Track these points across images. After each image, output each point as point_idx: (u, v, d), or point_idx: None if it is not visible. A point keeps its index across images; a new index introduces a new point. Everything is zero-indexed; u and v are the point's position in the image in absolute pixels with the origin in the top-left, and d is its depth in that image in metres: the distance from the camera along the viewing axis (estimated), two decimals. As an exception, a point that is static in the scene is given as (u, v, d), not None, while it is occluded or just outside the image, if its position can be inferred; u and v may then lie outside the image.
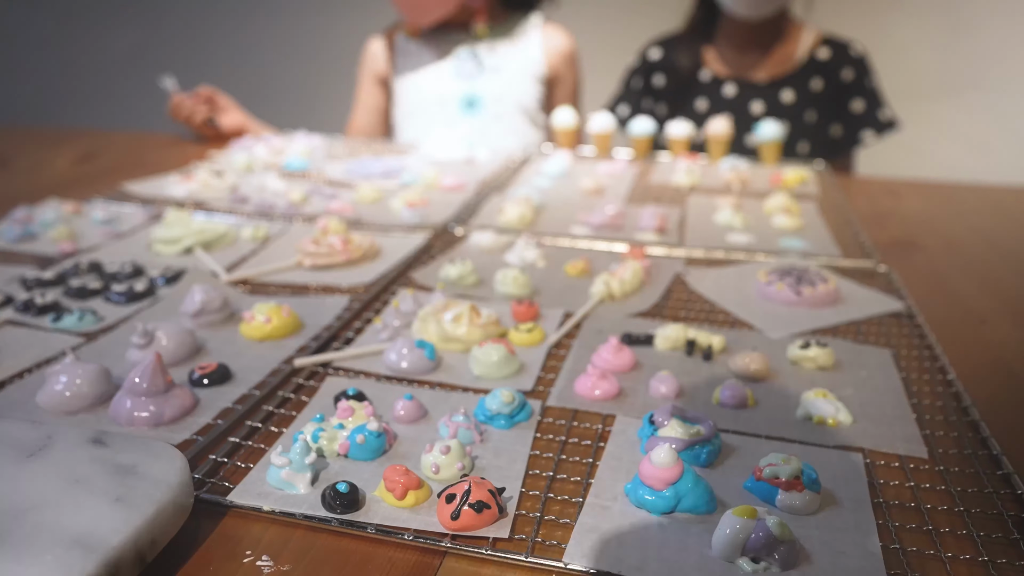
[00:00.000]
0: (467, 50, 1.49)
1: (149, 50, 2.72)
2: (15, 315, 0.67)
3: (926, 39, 2.08)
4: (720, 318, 0.69)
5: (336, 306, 0.69)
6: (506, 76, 1.50)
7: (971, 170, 2.12)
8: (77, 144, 1.43)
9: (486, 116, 1.50)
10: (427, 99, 1.51)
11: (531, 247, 0.81)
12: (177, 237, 0.83)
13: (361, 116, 1.59)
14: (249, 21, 2.61)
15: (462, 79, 1.50)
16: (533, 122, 1.55)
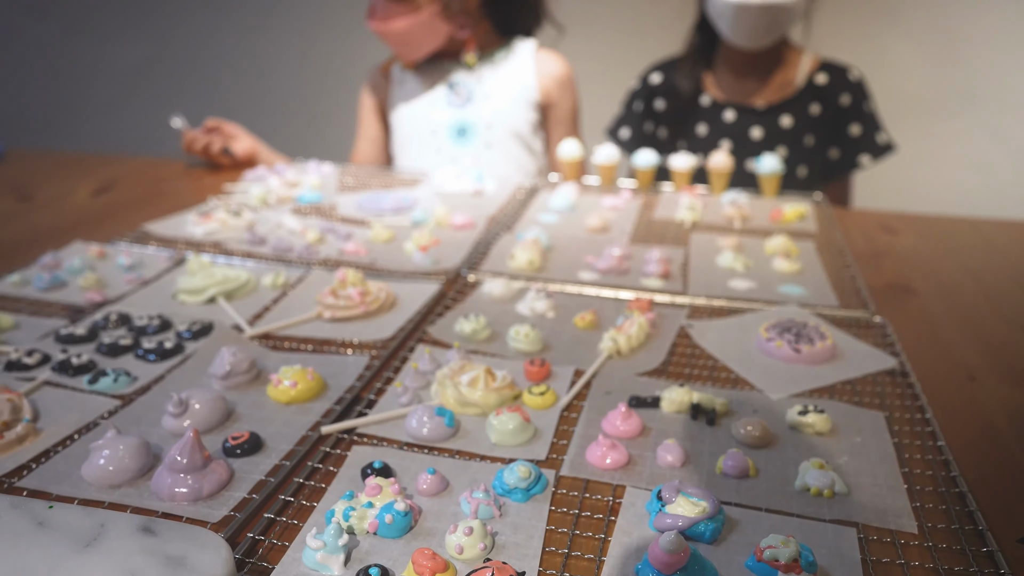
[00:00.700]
0: (455, 79, 1.52)
1: (157, 64, 2.74)
2: (53, 375, 0.70)
3: (922, 60, 2.11)
4: (723, 375, 0.72)
5: (357, 365, 0.72)
6: (497, 103, 1.52)
7: (968, 188, 2.15)
8: (94, 173, 1.45)
9: (478, 143, 1.52)
10: (420, 128, 1.53)
11: (541, 298, 0.84)
12: (200, 287, 0.86)
13: (362, 146, 1.63)
14: (257, 35, 2.63)
15: (452, 107, 1.52)
16: (528, 148, 1.57)
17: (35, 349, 0.73)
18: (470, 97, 1.52)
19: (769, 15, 1.48)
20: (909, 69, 2.11)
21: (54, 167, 1.53)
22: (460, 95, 1.52)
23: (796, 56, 1.67)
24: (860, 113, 1.65)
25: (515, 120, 1.53)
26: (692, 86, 1.68)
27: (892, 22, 2.09)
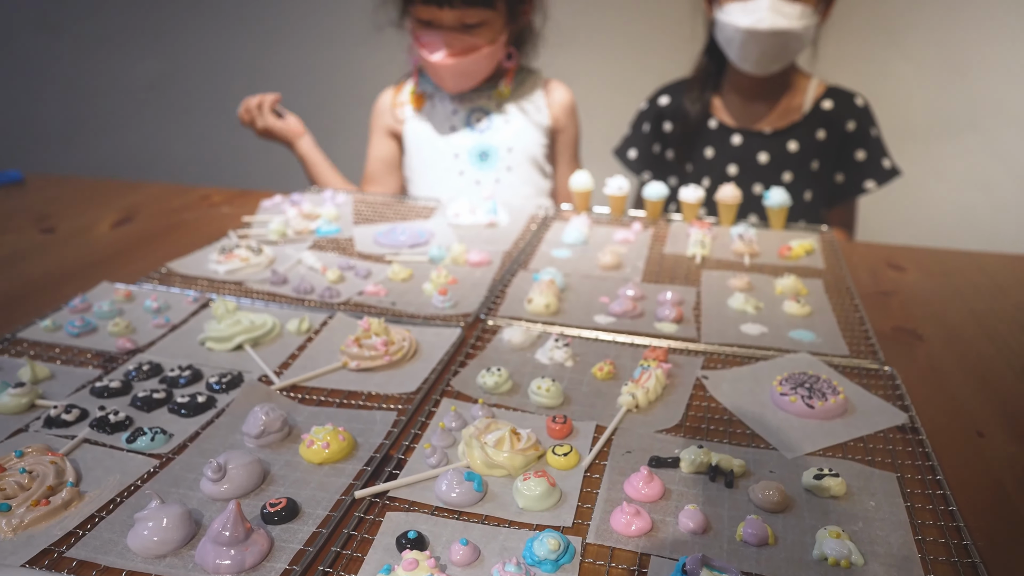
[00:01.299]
0: (479, 104, 1.55)
1: (169, 80, 2.75)
2: (91, 433, 0.71)
3: (925, 82, 2.12)
4: (738, 431, 0.74)
5: (385, 421, 0.74)
6: (515, 128, 1.56)
7: (969, 205, 2.17)
8: (114, 202, 1.47)
9: (499, 167, 1.55)
10: (442, 151, 1.56)
11: (559, 348, 0.86)
12: (228, 336, 0.88)
13: (374, 167, 1.66)
14: (268, 51, 2.64)
15: (475, 132, 1.55)
16: (542, 171, 1.61)
17: (73, 405, 0.75)
18: (490, 122, 1.55)
19: (778, 42, 1.49)
20: (911, 90, 2.12)
21: (73, 194, 1.54)
22: (481, 120, 1.55)
23: (803, 82, 1.68)
24: (866, 139, 1.66)
25: (531, 145, 1.57)
26: (700, 110, 1.69)
27: (894, 45, 2.11)
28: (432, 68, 1.45)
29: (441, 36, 1.41)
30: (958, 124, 2.13)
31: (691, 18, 1.67)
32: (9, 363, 0.85)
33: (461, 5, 1.37)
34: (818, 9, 1.51)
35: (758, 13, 1.46)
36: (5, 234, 1.29)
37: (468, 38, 1.42)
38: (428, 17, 1.40)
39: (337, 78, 2.57)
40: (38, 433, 0.72)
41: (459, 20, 1.40)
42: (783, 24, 1.46)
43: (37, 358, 0.86)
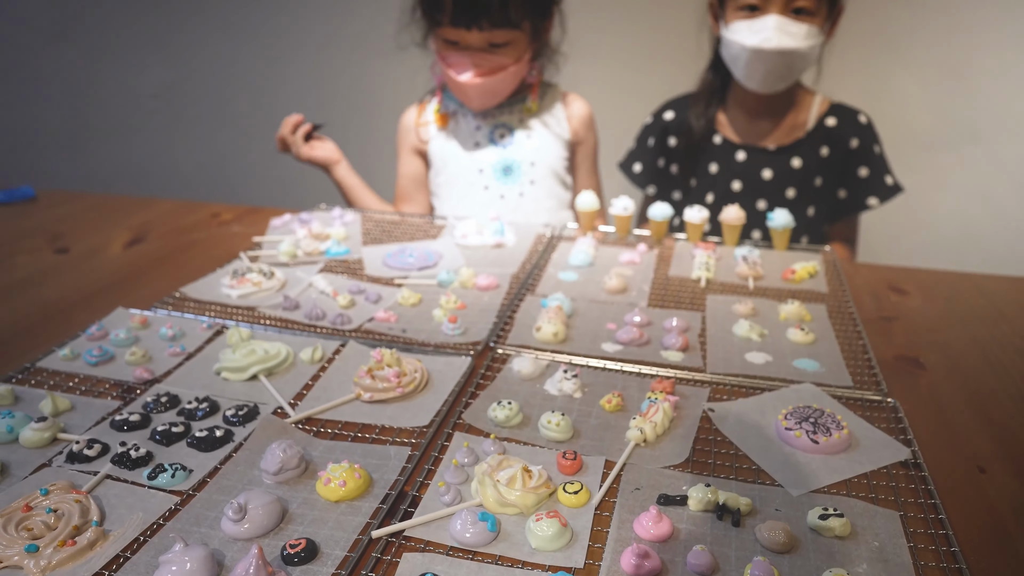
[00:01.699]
0: (502, 120, 1.57)
1: (176, 90, 2.76)
2: (112, 468, 0.73)
3: (927, 94, 2.13)
4: (744, 466, 0.75)
5: (400, 456, 0.75)
6: (537, 142, 1.58)
7: (970, 216, 2.18)
8: (125, 220, 1.48)
9: (523, 180, 1.57)
10: (467, 167, 1.57)
11: (568, 379, 0.87)
12: (243, 366, 0.89)
13: (404, 185, 1.68)
14: (273, 61, 2.65)
15: (498, 147, 1.57)
16: (563, 184, 1.63)
17: (95, 440, 0.76)
18: (513, 137, 1.57)
19: (784, 61, 1.50)
20: (914, 102, 2.13)
21: (85, 211, 1.55)
22: (505, 136, 1.57)
23: (807, 98, 1.69)
24: (869, 156, 1.67)
25: (553, 158, 1.60)
26: (705, 125, 1.71)
27: (897, 58, 2.11)
28: (459, 87, 1.46)
29: (469, 56, 1.41)
30: (960, 136, 2.14)
31: (697, 33, 1.67)
32: (30, 394, 0.86)
33: (489, 27, 1.39)
34: (823, 28, 1.52)
35: (764, 33, 1.47)
36: (20, 255, 1.30)
37: (495, 57, 1.43)
38: (455, 38, 1.41)
39: (345, 89, 2.58)
40: (61, 468, 0.73)
41: (486, 41, 1.41)
42: (789, 44, 1.47)
43: (56, 388, 0.88)
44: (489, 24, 1.38)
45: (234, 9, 2.59)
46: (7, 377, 0.89)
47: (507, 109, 1.59)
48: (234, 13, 2.60)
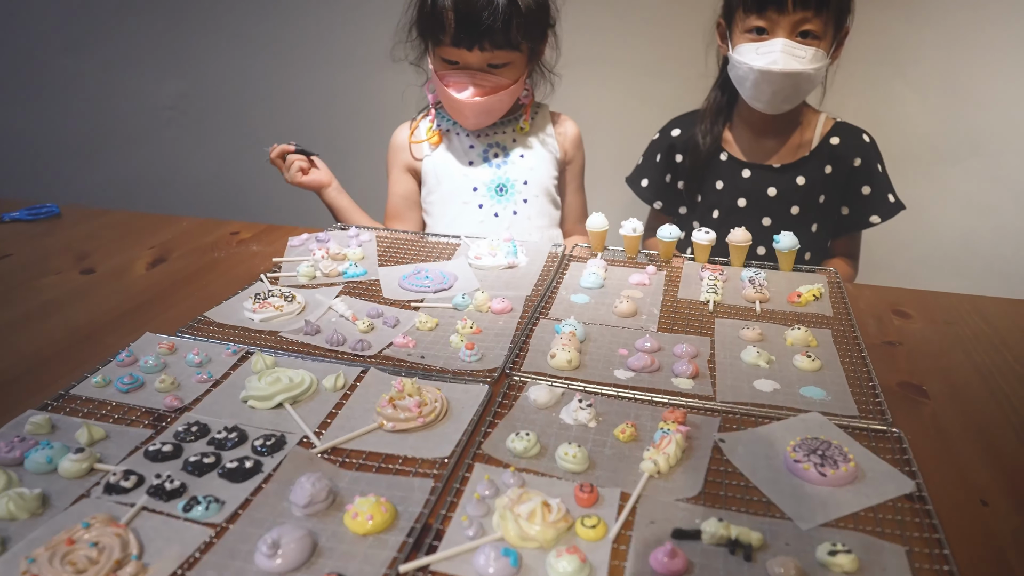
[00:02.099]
0: (495, 140, 1.58)
1: (190, 100, 2.78)
2: (148, 500, 0.75)
3: (929, 110, 2.14)
4: (755, 498, 0.77)
5: (423, 489, 0.77)
6: (529, 161, 1.60)
7: (970, 228, 2.19)
8: (147, 239, 1.51)
9: (517, 199, 1.59)
10: (462, 185, 1.59)
11: (583, 409, 0.89)
12: (268, 395, 0.91)
13: (396, 204, 1.69)
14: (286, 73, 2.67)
15: (492, 167, 1.59)
16: (554, 202, 1.65)
17: (131, 471, 0.78)
18: (507, 157, 1.59)
19: (790, 83, 1.52)
20: (916, 118, 2.15)
21: (109, 230, 1.58)
22: (499, 155, 1.58)
23: (812, 117, 1.71)
24: (872, 175, 1.69)
25: (545, 177, 1.62)
26: (711, 143, 1.72)
27: (900, 75, 2.13)
28: (456, 106, 1.48)
29: (469, 76, 1.44)
30: (961, 149, 2.15)
31: (705, 51, 1.69)
32: (65, 422, 0.88)
33: (490, 48, 1.40)
34: (829, 51, 1.54)
35: (771, 55, 1.49)
36: (48, 275, 1.33)
37: (494, 77, 1.45)
38: (455, 57, 1.43)
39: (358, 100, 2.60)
40: (99, 500, 0.76)
41: (486, 61, 1.43)
42: (795, 67, 1.49)
43: (91, 416, 0.90)
44: (491, 45, 1.40)
45: (247, 21, 2.61)
46: (43, 405, 0.92)
47: (500, 128, 1.61)
48: (247, 25, 2.62)
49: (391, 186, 1.69)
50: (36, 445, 0.82)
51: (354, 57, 2.57)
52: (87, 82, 2.80)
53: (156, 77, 2.75)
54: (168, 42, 2.70)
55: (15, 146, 2.96)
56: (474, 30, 1.38)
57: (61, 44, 2.76)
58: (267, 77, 2.67)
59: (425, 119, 1.66)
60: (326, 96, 2.64)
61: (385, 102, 2.48)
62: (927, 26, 2.06)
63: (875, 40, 2.06)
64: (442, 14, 1.40)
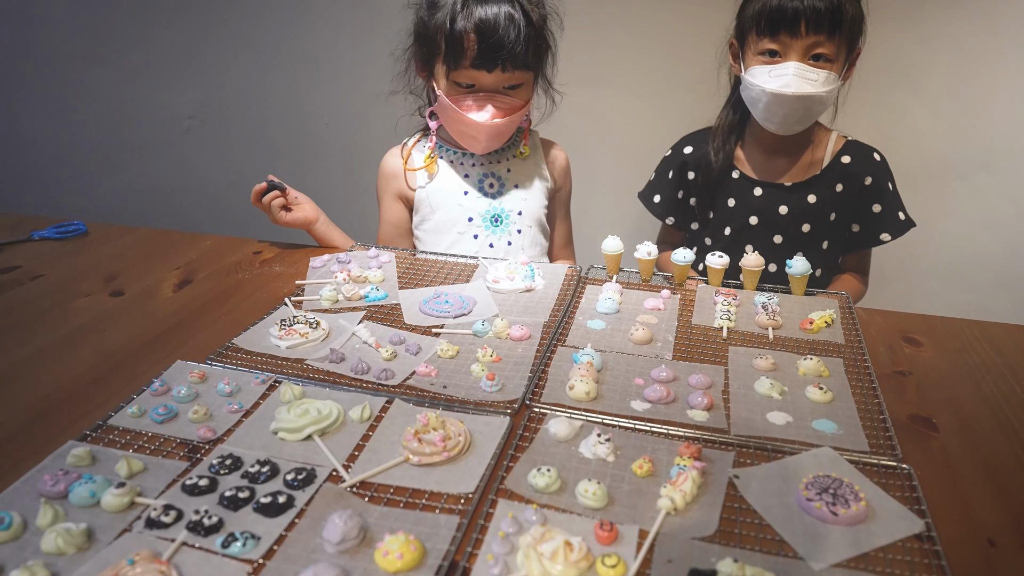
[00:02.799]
0: (490, 169, 1.61)
1: (207, 110, 2.81)
2: (188, 536, 0.78)
3: (940, 127, 2.15)
4: (768, 536, 0.80)
5: (449, 525, 0.80)
6: (524, 192, 1.63)
7: (979, 243, 2.20)
8: (172, 259, 1.54)
9: (511, 230, 1.61)
10: (457, 216, 1.60)
11: (602, 444, 0.92)
12: (298, 427, 0.94)
13: (388, 232, 1.70)
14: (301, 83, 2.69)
15: (487, 197, 1.61)
16: (544, 232, 1.69)
17: (170, 506, 0.81)
18: (502, 187, 1.61)
19: (803, 105, 1.54)
20: (926, 134, 2.15)
21: (135, 248, 1.62)
22: (494, 186, 1.60)
23: (823, 136, 1.73)
24: (882, 193, 1.71)
25: (537, 207, 1.65)
26: (723, 160, 1.74)
27: (912, 92, 2.13)
28: (471, 130, 1.49)
29: (487, 98, 1.45)
30: (972, 166, 2.16)
31: (716, 70, 1.70)
32: (104, 453, 0.92)
33: (511, 68, 1.43)
34: (841, 72, 1.56)
35: (784, 79, 1.51)
36: (79, 298, 1.36)
37: (509, 99, 1.47)
38: (471, 80, 1.45)
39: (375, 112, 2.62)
40: (141, 534, 0.79)
41: (503, 83, 1.45)
42: (808, 90, 1.50)
43: (128, 447, 0.93)
44: (511, 66, 1.43)
45: (265, 32, 2.64)
46: (83, 436, 0.95)
47: (495, 157, 1.62)
48: (265, 36, 2.65)
49: (383, 213, 1.69)
50: (79, 479, 0.85)
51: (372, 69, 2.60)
52: (108, 92, 2.84)
53: (176, 87, 2.78)
54: (187, 53, 2.73)
55: (38, 155, 3.01)
56: (496, 52, 1.40)
57: (83, 55, 2.80)
58: (285, 88, 2.70)
59: (419, 145, 1.67)
60: (343, 107, 2.67)
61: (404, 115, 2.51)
62: (939, 46, 2.06)
63: (887, 58, 2.07)
64: (462, 38, 1.41)
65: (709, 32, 1.67)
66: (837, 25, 1.49)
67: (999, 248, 2.20)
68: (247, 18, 2.64)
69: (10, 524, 0.78)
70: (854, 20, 1.53)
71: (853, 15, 1.53)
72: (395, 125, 1.71)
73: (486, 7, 1.40)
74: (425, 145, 1.66)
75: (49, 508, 0.80)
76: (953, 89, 2.10)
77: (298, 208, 1.59)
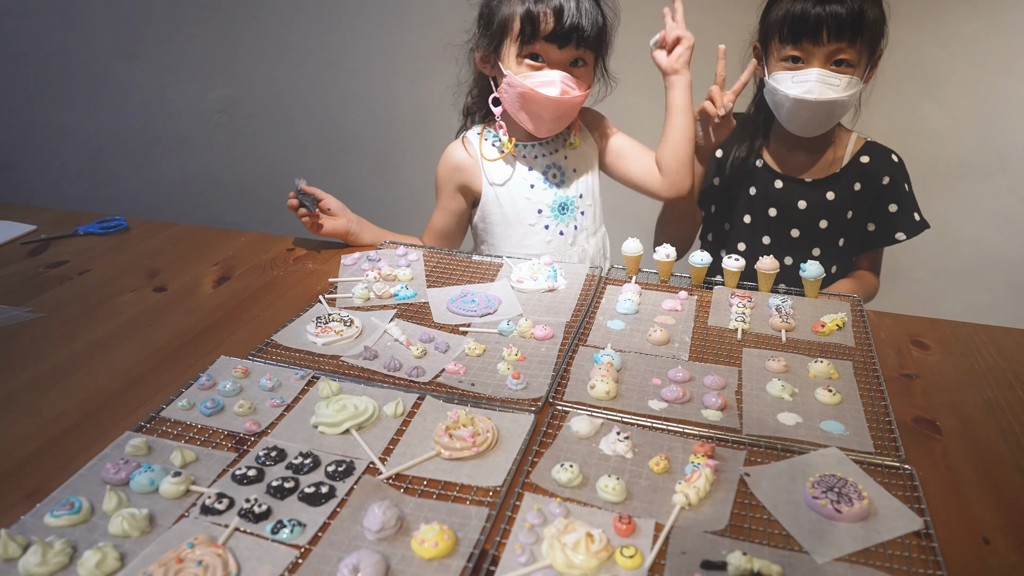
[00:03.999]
0: (552, 160, 1.65)
1: (238, 105, 2.88)
2: (240, 522, 0.85)
3: (958, 128, 2.17)
4: (776, 531, 0.85)
5: (479, 516, 0.86)
6: (580, 174, 1.68)
7: (995, 243, 2.22)
8: (211, 255, 1.62)
9: (576, 214, 1.67)
10: (524, 210, 1.65)
11: (621, 441, 0.97)
12: (337, 422, 1.01)
13: (446, 220, 1.73)
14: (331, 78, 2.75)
15: (552, 187, 1.66)
16: (597, 202, 1.74)
17: (223, 494, 0.89)
18: (563, 176, 1.66)
19: (825, 110, 1.58)
20: (944, 135, 2.18)
21: (174, 244, 1.69)
22: (556, 175, 1.66)
23: (844, 136, 1.76)
24: (899, 193, 1.75)
25: (592, 183, 1.71)
26: (748, 154, 1.78)
27: (931, 96, 2.16)
28: (538, 107, 1.50)
29: (557, 74, 1.48)
30: (989, 166, 2.18)
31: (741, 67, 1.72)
32: (159, 444, 0.99)
33: (582, 46, 1.49)
34: (863, 76, 1.59)
35: (807, 84, 1.55)
36: (125, 293, 1.44)
37: (575, 78, 1.51)
38: (543, 54, 1.49)
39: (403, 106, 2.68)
40: (197, 520, 0.86)
41: (569, 59, 1.50)
42: (830, 95, 1.54)
43: (180, 438, 1.01)
44: (582, 43, 1.48)
45: (294, 29, 2.70)
46: (138, 427, 1.02)
47: (553, 147, 1.67)
48: (294, 32, 2.71)
49: (441, 201, 1.71)
50: (138, 467, 0.93)
51: (399, 64, 2.65)
52: (141, 87, 2.91)
53: (206, 83, 2.85)
54: (218, 49, 2.80)
55: (74, 148, 3.09)
56: (570, 29, 1.45)
57: (117, 51, 2.87)
58: (313, 83, 2.76)
59: (488, 134, 1.69)
60: (371, 102, 2.73)
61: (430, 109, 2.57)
62: (958, 48, 2.08)
63: (906, 60, 2.09)
64: (537, 14, 1.45)
65: (732, 34, 1.69)
66: (858, 32, 1.52)
67: (1015, 249, 2.22)
68: (276, 15, 2.70)
69: (80, 508, 0.86)
70: (875, 23, 1.56)
71: (874, 19, 1.55)
72: (420, 121, 1.76)
73: None
74: (491, 134, 1.67)
75: (113, 494, 0.88)
76: (971, 91, 2.12)
77: (329, 220, 1.64)
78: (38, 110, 3.03)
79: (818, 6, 1.51)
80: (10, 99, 3.08)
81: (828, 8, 1.50)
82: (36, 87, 2.91)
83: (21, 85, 3.00)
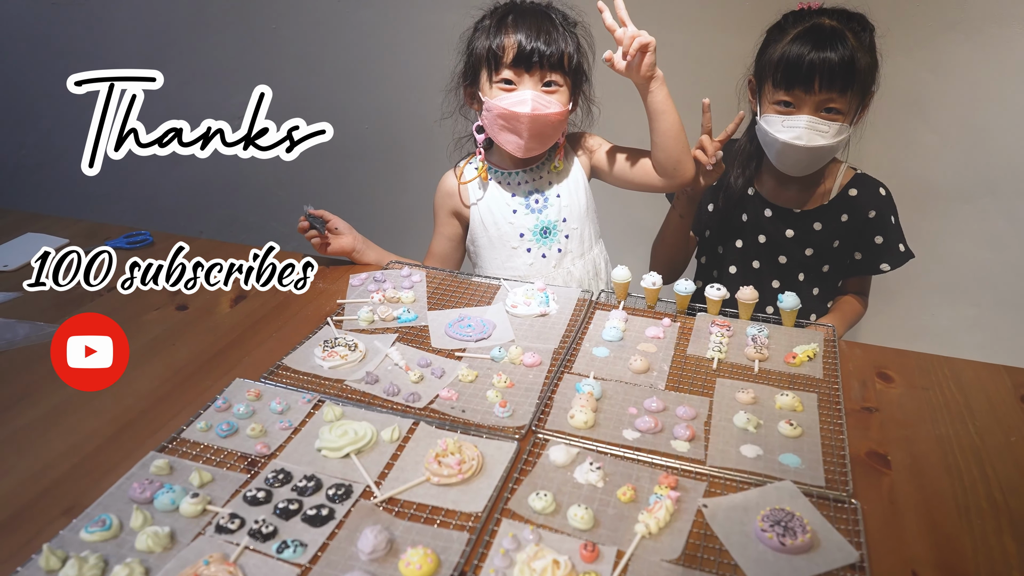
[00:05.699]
0: (534, 186, 1.73)
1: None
2: (250, 541, 0.96)
3: (949, 152, 2.22)
4: (726, 561, 0.95)
5: (460, 540, 0.97)
6: (565, 199, 1.75)
7: (983, 262, 2.28)
8: (230, 275, 1.71)
9: (559, 238, 1.75)
10: (506, 234, 1.75)
11: (593, 471, 1.07)
12: (339, 446, 1.12)
13: (442, 244, 1.85)
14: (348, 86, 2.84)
15: (534, 213, 1.74)
16: (591, 220, 1.81)
17: (235, 514, 0.99)
18: (546, 201, 1.75)
19: (813, 154, 1.65)
20: (935, 159, 2.23)
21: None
22: (538, 201, 1.74)
23: (835, 167, 1.83)
24: (885, 226, 1.81)
25: (579, 205, 1.77)
26: (742, 185, 1.85)
27: (923, 121, 2.21)
28: (514, 125, 1.59)
29: (528, 92, 1.57)
30: (978, 190, 2.23)
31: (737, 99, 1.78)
32: (180, 464, 1.10)
33: (547, 68, 1.57)
34: (852, 120, 1.64)
35: (796, 130, 1.61)
36: (150, 311, 1.55)
37: (547, 97, 1.59)
38: (512, 79, 1.58)
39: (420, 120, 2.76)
40: (212, 538, 0.97)
41: (540, 80, 1.58)
42: (820, 142, 1.60)
43: (198, 459, 1.11)
44: (547, 65, 1.56)
45: (313, 40, 2.79)
46: (161, 447, 1.13)
47: (536, 174, 1.75)
48: (313, 44, 2.80)
49: (438, 227, 1.85)
50: (161, 487, 1.04)
51: (411, 75, 2.73)
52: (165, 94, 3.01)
53: (226, 91, 2.95)
54: (239, 59, 2.89)
55: (101, 150, 3.20)
56: (532, 54, 1.55)
57: (141, 60, 2.98)
58: (332, 94, 2.85)
59: (470, 162, 1.80)
60: (384, 111, 2.82)
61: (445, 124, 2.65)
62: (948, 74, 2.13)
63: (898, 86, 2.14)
64: (503, 44, 1.56)
65: (729, 61, 1.76)
66: (850, 82, 1.57)
67: (1001, 267, 2.28)
68: (294, 27, 2.78)
69: (111, 525, 0.97)
70: (867, 72, 1.61)
71: (866, 67, 1.59)
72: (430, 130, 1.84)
73: (525, 16, 1.57)
74: (476, 162, 1.79)
75: (139, 513, 0.99)
76: (961, 116, 2.17)
77: (336, 239, 1.74)
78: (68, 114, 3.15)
79: (812, 52, 1.56)
80: (41, 103, 3.20)
81: (821, 55, 1.55)
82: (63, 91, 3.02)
83: (48, 90, 3.12)
